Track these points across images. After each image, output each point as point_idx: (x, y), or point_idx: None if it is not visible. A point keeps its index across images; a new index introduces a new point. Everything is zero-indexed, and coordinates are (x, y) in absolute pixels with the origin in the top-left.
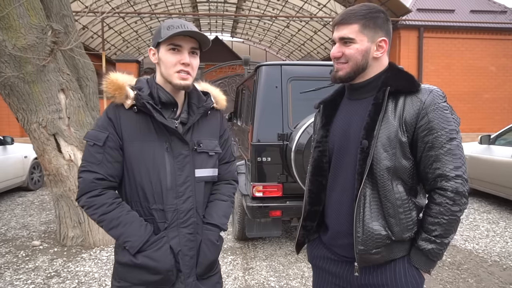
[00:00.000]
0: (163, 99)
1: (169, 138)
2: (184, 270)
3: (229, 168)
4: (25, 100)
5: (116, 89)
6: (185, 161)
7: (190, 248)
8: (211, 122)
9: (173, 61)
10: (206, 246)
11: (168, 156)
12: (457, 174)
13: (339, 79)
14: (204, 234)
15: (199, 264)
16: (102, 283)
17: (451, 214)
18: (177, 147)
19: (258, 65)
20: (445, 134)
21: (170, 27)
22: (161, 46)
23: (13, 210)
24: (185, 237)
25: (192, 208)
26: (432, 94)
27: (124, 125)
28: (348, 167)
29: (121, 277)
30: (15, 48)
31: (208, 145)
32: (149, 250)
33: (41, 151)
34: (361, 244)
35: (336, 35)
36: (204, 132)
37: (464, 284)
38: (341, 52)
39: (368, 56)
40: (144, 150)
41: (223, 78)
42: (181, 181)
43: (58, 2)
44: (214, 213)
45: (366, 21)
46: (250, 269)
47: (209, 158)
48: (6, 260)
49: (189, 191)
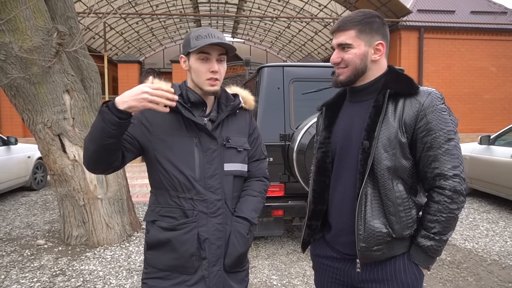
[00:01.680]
0: (192, 99)
1: (198, 133)
2: (210, 258)
3: (259, 166)
4: (30, 101)
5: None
6: (213, 155)
7: (218, 238)
8: (240, 121)
9: (203, 70)
10: (235, 237)
11: (198, 150)
12: (455, 173)
13: (340, 83)
14: (234, 226)
15: (228, 255)
16: (107, 281)
17: (449, 212)
18: (206, 142)
19: (261, 66)
20: (443, 134)
21: (199, 37)
22: (191, 55)
23: (17, 209)
24: (214, 226)
25: (221, 200)
26: (431, 96)
27: (157, 121)
28: (350, 167)
29: (149, 263)
30: (21, 49)
31: (236, 141)
32: (179, 231)
33: (46, 151)
34: (363, 242)
35: (335, 42)
36: (233, 129)
37: (464, 282)
38: (340, 57)
39: (367, 60)
40: (174, 144)
41: (225, 79)
42: (210, 174)
43: (62, 4)
44: (244, 207)
45: (362, 27)
46: (253, 267)
47: (238, 153)
48: (12, 259)
49: (218, 183)
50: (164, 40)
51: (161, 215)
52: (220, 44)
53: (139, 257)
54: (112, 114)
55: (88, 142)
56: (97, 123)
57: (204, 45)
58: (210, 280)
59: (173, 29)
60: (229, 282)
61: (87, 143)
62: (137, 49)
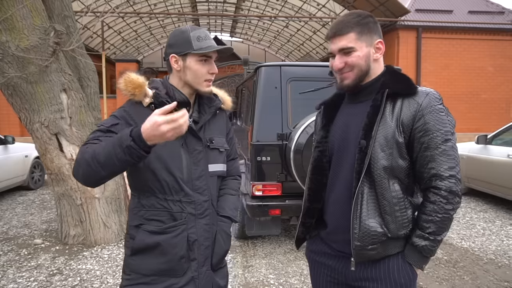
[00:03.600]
0: (178, 99)
1: (184, 135)
2: (199, 258)
3: (234, 164)
4: (27, 100)
5: (136, 87)
6: (199, 156)
7: (206, 238)
8: (219, 121)
9: (204, 71)
10: (221, 237)
11: (184, 152)
12: (451, 174)
13: (347, 87)
14: (219, 225)
15: (215, 254)
16: (104, 280)
17: (444, 212)
18: (192, 143)
19: (258, 65)
20: (440, 135)
21: (200, 38)
22: (191, 56)
23: (14, 209)
24: (202, 227)
25: (207, 200)
26: (429, 96)
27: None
28: (347, 166)
29: (132, 269)
30: (18, 49)
31: (218, 142)
32: (168, 234)
33: (43, 150)
34: (357, 240)
35: (335, 48)
36: (214, 130)
37: (460, 281)
38: (343, 62)
39: (370, 60)
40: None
41: (223, 78)
42: (197, 175)
43: (59, 3)
44: (226, 206)
45: (361, 28)
46: (250, 266)
47: (220, 154)
48: (9, 258)
49: (204, 184)
50: (162, 39)
51: (146, 219)
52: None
53: None
54: (140, 149)
55: (99, 167)
56: (120, 156)
57: (212, 50)
58: (199, 281)
59: (171, 28)
60: (216, 280)
61: (97, 168)
62: (135, 48)
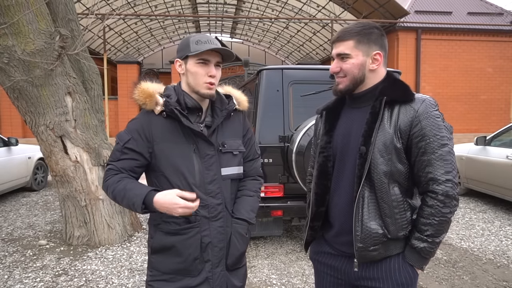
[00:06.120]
0: (189, 104)
1: (195, 140)
2: (213, 260)
3: (253, 165)
4: (33, 103)
5: (147, 97)
6: (211, 161)
7: (220, 240)
8: (234, 123)
9: (202, 73)
10: (236, 238)
11: (196, 157)
12: (447, 179)
13: (339, 91)
14: (234, 227)
15: (230, 256)
16: (109, 281)
17: (441, 216)
18: (203, 148)
19: (260, 69)
20: (437, 140)
21: (199, 41)
22: (190, 59)
23: (18, 210)
24: (216, 230)
25: (221, 204)
26: (425, 103)
27: (155, 129)
28: (349, 171)
29: (154, 266)
30: (24, 53)
31: (232, 145)
32: (183, 235)
33: (48, 152)
34: (360, 242)
35: (334, 52)
36: (227, 133)
37: (459, 281)
38: (339, 67)
39: (365, 69)
40: (173, 151)
41: (223, 80)
42: (209, 179)
43: (64, 7)
44: (242, 208)
45: (360, 37)
46: (252, 267)
47: (233, 157)
48: (14, 259)
49: (217, 188)
50: (163, 40)
51: (163, 220)
52: (222, 51)
53: (141, 257)
54: (149, 212)
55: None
56: (131, 207)
57: (206, 49)
58: (214, 281)
59: (172, 29)
60: (231, 280)
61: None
62: (136, 50)
